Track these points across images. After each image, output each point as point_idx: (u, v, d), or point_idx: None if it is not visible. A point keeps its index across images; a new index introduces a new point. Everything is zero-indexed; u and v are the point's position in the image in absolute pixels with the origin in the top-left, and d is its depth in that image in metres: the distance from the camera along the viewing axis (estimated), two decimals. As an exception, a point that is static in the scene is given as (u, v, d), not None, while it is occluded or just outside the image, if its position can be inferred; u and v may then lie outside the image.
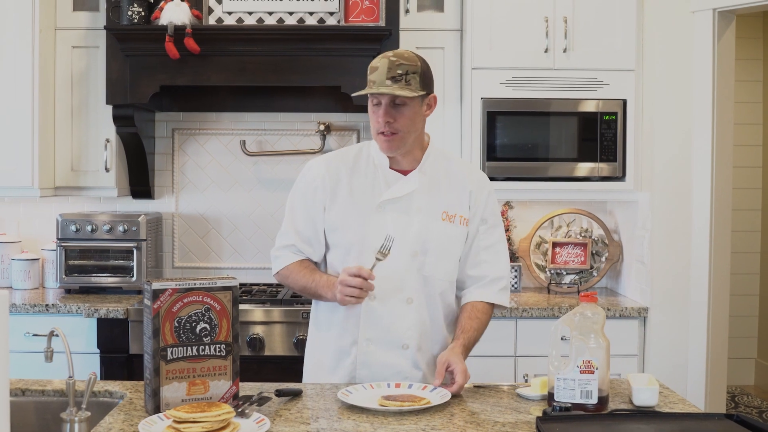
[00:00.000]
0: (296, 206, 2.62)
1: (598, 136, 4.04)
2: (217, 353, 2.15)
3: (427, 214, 2.52)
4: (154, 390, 2.11)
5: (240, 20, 4.04)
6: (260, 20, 4.04)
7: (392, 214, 2.51)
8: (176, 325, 2.10)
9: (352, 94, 2.60)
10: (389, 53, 2.47)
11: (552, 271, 4.40)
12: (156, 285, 2.09)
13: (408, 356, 2.52)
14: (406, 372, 2.52)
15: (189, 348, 2.12)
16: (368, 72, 2.46)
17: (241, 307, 3.71)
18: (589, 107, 4.05)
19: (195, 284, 2.13)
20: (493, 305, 2.61)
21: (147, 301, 2.11)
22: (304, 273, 2.56)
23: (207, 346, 2.13)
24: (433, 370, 2.51)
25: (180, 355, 2.11)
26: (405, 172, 2.55)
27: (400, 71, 2.41)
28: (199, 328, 2.12)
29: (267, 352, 3.75)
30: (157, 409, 2.10)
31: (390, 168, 2.55)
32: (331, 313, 2.58)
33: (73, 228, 4.12)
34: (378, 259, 2.41)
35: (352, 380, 2.52)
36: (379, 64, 2.44)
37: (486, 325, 2.59)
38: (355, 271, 2.37)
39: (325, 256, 2.63)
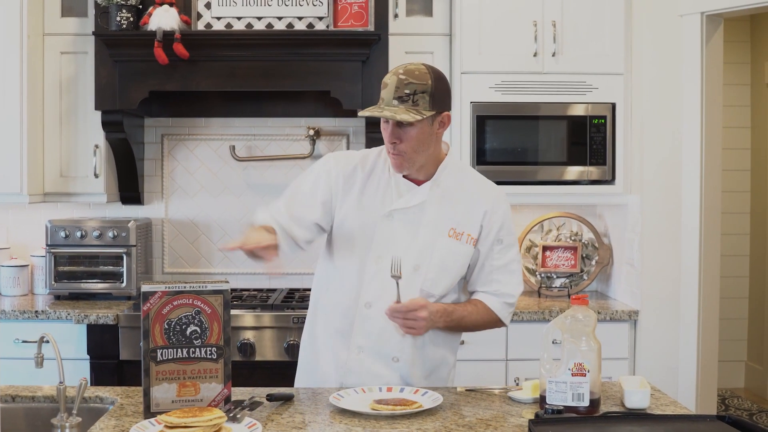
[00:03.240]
0: (301, 188, 2.54)
1: (587, 140, 4.05)
2: (208, 356, 2.15)
3: (435, 228, 2.46)
4: (144, 390, 2.13)
5: (229, 25, 4.04)
6: (249, 25, 4.03)
7: (400, 223, 2.46)
8: (166, 327, 2.11)
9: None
10: (401, 69, 2.40)
11: (542, 275, 4.41)
12: (146, 287, 2.11)
13: (398, 369, 2.49)
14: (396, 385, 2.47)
15: (179, 350, 2.12)
16: (381, 87, 2.41)
17: (232, 312, 3.69)
18: (579, 111, 4.06)
19: (185, 287, 2.14)
20: (497, 319, 2.56)
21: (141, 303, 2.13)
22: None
23: (198, 349, 2.14)
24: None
25: (169, 357, 2.12)
26: (419, 182, 2.49)
27: (407, 91, 2.35)
28: (189, 330, 2.13)
29: (258, 357, 3.74)
30: (147, 409, 2.11)
31: (404, 177, 2.48)
32: (326, 319, 2.57)
33: (62, 234, 4.10)
34: (397, 282, 2.36)
35: (342, 386, 2.49)
36: (389, 81, 2.39)
37: (480, 321, 2.54)
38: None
39: (330, 252, 2.57)
